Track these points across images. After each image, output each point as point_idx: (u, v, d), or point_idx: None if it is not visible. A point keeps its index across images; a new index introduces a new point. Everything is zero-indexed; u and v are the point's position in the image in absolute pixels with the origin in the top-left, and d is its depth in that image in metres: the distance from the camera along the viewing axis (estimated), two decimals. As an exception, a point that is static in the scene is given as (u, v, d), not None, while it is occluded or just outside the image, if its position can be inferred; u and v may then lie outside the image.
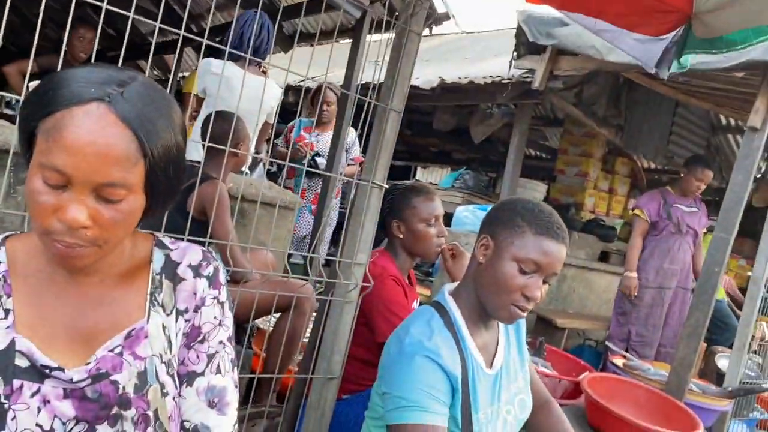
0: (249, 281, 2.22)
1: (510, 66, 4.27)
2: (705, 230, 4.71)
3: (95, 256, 0.90)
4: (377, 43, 1.94)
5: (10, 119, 3.12)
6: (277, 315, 2.50)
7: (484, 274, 1.40)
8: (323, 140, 4.63)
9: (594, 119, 5.22)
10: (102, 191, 0.85)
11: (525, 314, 1.39)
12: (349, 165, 4.57)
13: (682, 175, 4.56)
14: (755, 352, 4.15)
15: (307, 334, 2.43)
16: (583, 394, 2.92)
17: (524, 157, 5.26)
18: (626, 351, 4.22)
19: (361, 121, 1.75)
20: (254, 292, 1.90)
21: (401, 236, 2.09)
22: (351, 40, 4.08)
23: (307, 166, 4.32)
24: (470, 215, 4.59)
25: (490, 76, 4.71)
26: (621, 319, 4.48)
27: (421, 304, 1.89)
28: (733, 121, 5.96)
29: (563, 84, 4.38)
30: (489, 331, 1.48)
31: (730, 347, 4.79)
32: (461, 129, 6.37)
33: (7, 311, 0.91)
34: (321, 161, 4.49)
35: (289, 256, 4.33)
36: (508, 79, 4.49)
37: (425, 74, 5.12)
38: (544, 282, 1.37)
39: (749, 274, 5.39)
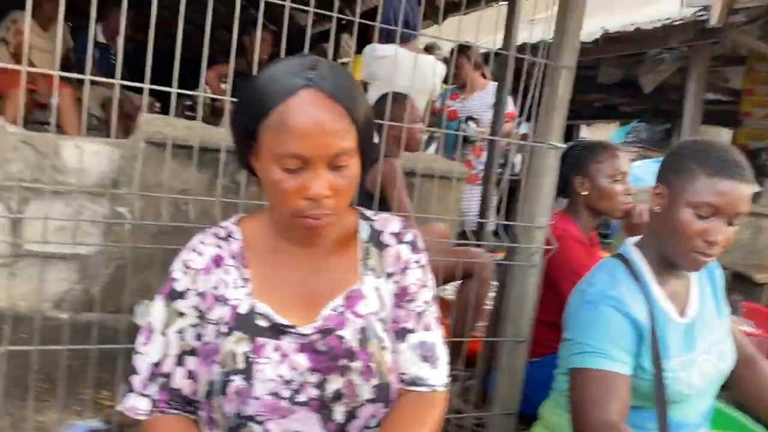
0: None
1: (682, 4, 3.94)
2: None
3: (334, 223, 1.02)
4: (530, 3, 1.89)
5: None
6: (450, 285, 2.56)
7: (661, 222, 1.36)
8: (469, 104, 4.58)
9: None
10: (333, 162, 0.96)
11: (710, 260, 1.32)
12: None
13: None
14: None
15: (487, 302, 2.47)
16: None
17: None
18: None
19: (523, 81, 1.73)
20: (441, 260, 1.97)
21: (585, 193, 2.04)
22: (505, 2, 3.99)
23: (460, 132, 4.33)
24: (648, 170, 4.34)
25: (659, 20, 4.38)
26: None
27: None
28: None
29: (746, 17, 3.96)
30: (679, 279, 1.43)
31: None
32: (627, 80, 6.00)
33: (246, 280, 1.06)
34: (472, 126, 4.46)
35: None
36: (680, 20, 4.15)
37: (586, 26, 4.84)
38: (730, 224, 1.29)
39: None
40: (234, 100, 1.10)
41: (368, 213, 1.17)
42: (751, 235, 4.79)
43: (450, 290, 2.89)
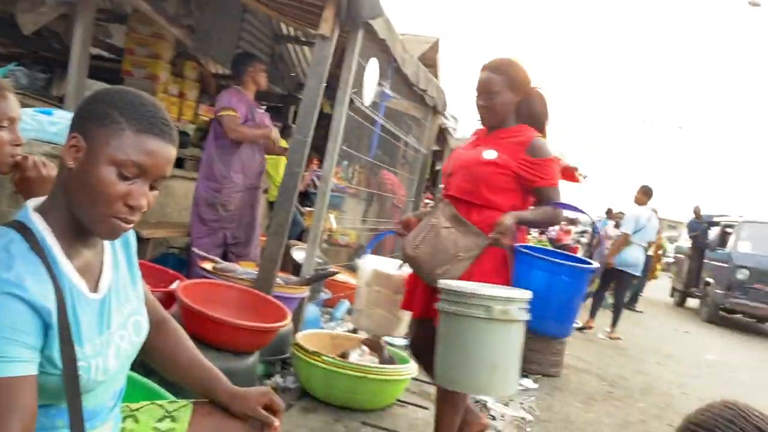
0: None
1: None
2: None
3: None
4: None
5: None
6: None
7: (76, 181, 1.15)
8: None
9: (164, 17, 4.93)
10: None
11: (130, 227, 1.19)
12: None
13: (248, 74, 4.39)
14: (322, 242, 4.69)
15: None
16: (177, 303, 2.86)
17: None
18: (224, 256, 4.26)
19: None
20: None
21: None
22: None
23: None
24: (30, 120, 3.88)
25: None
26: (214, 225, 4.36)
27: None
28: (293, 31, 6.36)
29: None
30: (91, 249, 1.25)
31: (295, 240, 5.40)
32: (4, 19, 5.35)
33: None
34: None
35: None
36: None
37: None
38: (153, 188, 1.20)
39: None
40: None
41: None
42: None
43: None
